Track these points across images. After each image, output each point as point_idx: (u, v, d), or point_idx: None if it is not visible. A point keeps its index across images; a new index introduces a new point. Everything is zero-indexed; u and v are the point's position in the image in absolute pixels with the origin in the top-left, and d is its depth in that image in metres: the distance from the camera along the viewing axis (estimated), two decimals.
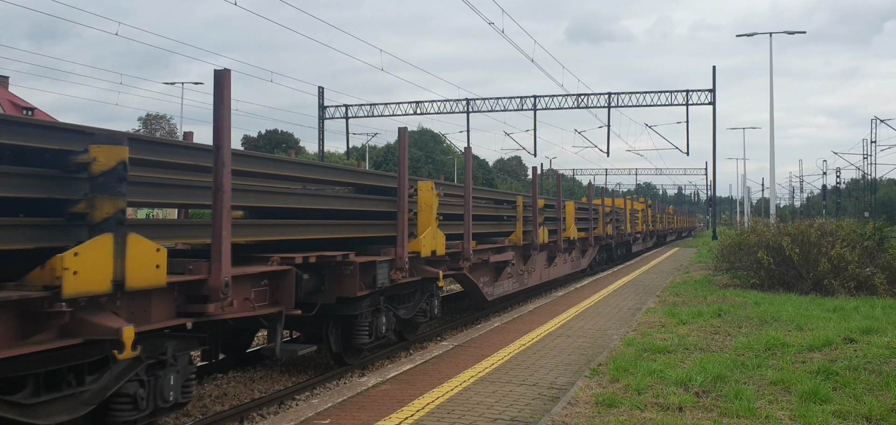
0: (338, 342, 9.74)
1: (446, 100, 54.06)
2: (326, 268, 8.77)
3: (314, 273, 8.47)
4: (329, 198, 9.40)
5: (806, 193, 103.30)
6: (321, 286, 8.73)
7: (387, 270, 9.56)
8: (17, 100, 67.81)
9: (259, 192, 7.99)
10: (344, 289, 8.90)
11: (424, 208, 10.79)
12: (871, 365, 8.33)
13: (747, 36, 42.27)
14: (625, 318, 12.73)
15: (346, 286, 8.89)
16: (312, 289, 8.45)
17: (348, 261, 8.80)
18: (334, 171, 10.47)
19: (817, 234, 17.36)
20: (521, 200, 16.33)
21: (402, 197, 9.92)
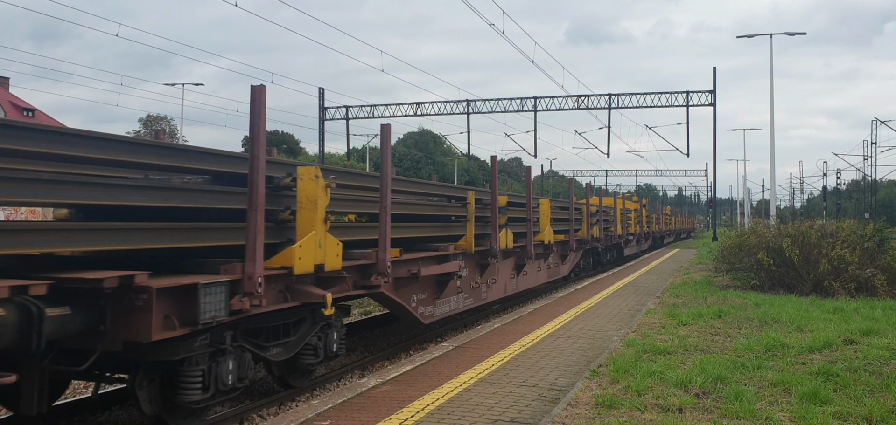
0: (154, 400, 6.66)
1: (447, 101, 54.07)
2: (107, 298, 5.88)
3: (83, 305, 5.78)
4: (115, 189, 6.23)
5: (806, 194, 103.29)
6: (99, 325, 5.92)
7: (223, 297, 6.55)
8: (17, 101, 67.83)
9: None
10: (135, 330, 5.96)
11: (306, 205, 7.72)
12: (871, 366, 8.33)
13: (748, 37, 42.24)
14: (625, 319, 12.73)
15: (138, 325, 5.94)
16: (80, 330, 5.79)
17: (138, 287, 5.86)
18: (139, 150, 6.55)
19: (817, 236, 17.35)
20: (472, 196, 12.91)
21: (256, 187, 6.79)
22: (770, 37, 41.01)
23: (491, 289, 14.29)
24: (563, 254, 20.02)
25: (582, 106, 50.74)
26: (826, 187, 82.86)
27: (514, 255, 15.41)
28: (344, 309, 9.14)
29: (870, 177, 72.32)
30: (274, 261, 7.37)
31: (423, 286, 11.04)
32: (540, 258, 17.42)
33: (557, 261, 19.65)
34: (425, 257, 11.00)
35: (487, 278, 13.97)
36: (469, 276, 13.03)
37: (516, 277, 15.98)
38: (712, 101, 49.05)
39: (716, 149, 51.80)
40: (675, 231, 64.75)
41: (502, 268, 14.92)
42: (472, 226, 12.73)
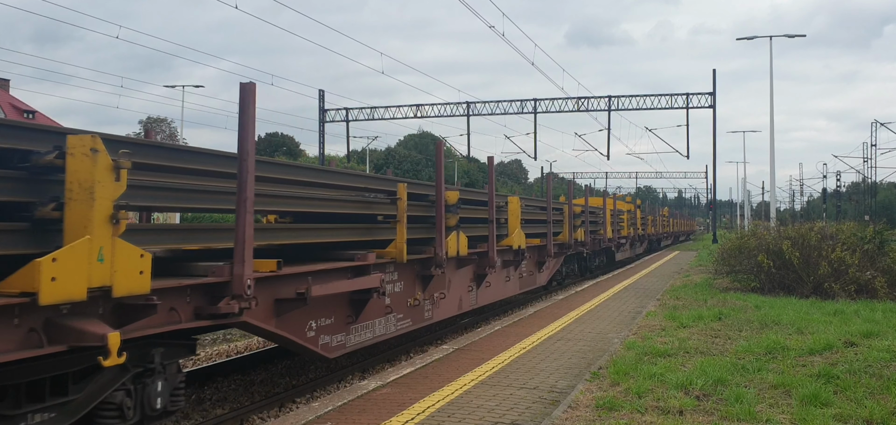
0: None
1: (447, 103, 54.07)
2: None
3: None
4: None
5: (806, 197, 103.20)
6: None
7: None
8: (18, 103, 67.87)
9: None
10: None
11: (78, 195, 4.91)
12: (871, 368, 8.33)
13: (747, 39, 42.30)
14: (625, 322, 12.72)
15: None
16: None
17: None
18: None
19: (817, 238, 17.35)
20: (405, 191, 9.88)
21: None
22: (770, 39, 41.07)
23: (438, 307, 11.45)
24: (539, 260, 17.54)
25: (582, 108, 50.75)
26: (826, 189, 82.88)
27: (471, 264, 12.59)
28: (186, 346, 6.43)
29: (870, 179, 72.36)
30: (8, 283, 4.64)
31: (327, 308, 8.26)
32: (509, 266, 14.94)
33: (532, 268, 17.17)
34: (322, 270, 7.99)
35: (433, 293, 11.21)
36: (404, 292, 10.19)
37: (476, 290, 13.27)
38: (712, 102, 49.07)
39: (716, 151, 51.83)
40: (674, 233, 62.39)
41: (456, 280, 12.20)
42: (404, 228, 9.72)
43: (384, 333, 9.79)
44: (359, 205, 9.40)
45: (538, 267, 17.64)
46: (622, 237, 30.39)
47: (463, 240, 11.91)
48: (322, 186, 8.78)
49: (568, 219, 19.61)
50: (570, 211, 19.75)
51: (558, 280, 21.28)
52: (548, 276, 18.79)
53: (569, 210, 19.73)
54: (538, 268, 17.66)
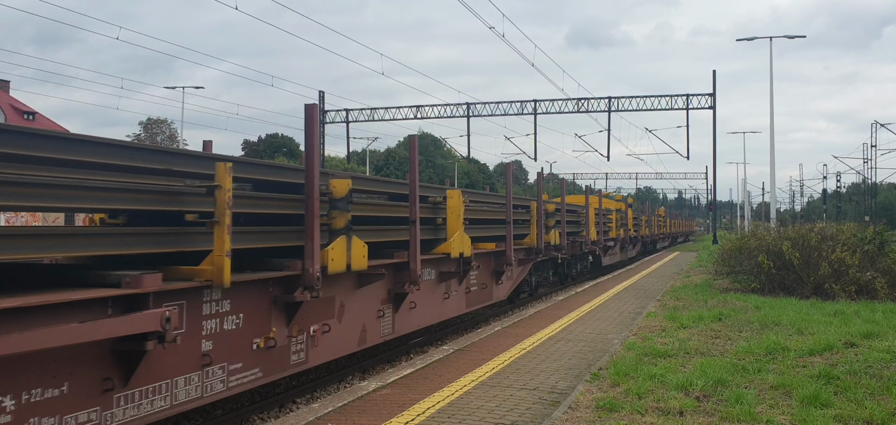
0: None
1: (447, 104, 54.07)
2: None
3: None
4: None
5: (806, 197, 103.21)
6: None
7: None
8: (17, 104, 67.92)
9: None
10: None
11: None
12: (871, 369, 8.33)
13: (747, 40, 42.35)
14: (625, 322, 12.73)
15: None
16: None
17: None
18: None
19: (818, 238, 17.35)
20: (228, 174, 6.30)
21: None
22: (770, 40, 41.13)
23: (319, 345, 8.09)
24: (496, 269, 14.33)
25: (582, 109, 50.77)
26: (826, 190, 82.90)
27: (380, 280, 9.28)
28: None
29: (870, 179, 72.36)
30: None
31: (50, 371, 4.96)
32: (448, 279, 11.68)
33: (486, 279, 13.94)
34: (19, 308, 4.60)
35: (306, 326, 7.85)
36: (244, 329, 6.86)
37: (392, 314, 9.93)
38: (712, 103, 49.09)
39: (716, 151, 51.83)
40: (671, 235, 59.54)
41: (354, 304, 8.87)
42: (226, 233, 6.13)
43: (199, 396, 6.35)
44: (133, 196, 5.83)
45: (495, 277, 14.36)
46: (610, 239, 27.49)
47: (359, 249, 8.27)
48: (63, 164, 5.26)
49: (537, 219, 16.25)
50: (539, 209, 16.28)
51: (528, 290, 18.21)
52: (509, 288, 15.65)
53: (538, 208, 16.26)
54: (495, 279, 14.39)
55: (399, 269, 9.75)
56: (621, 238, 30.26)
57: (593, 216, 23.49)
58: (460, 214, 11.61)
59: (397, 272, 9.76)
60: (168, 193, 6.16)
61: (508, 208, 14.16)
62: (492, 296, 14.45)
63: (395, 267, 9.72)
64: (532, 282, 18.24)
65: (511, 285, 15.72)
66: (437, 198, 11.56)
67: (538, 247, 16.29)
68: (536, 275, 18.54)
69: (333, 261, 7.82)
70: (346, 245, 8.12)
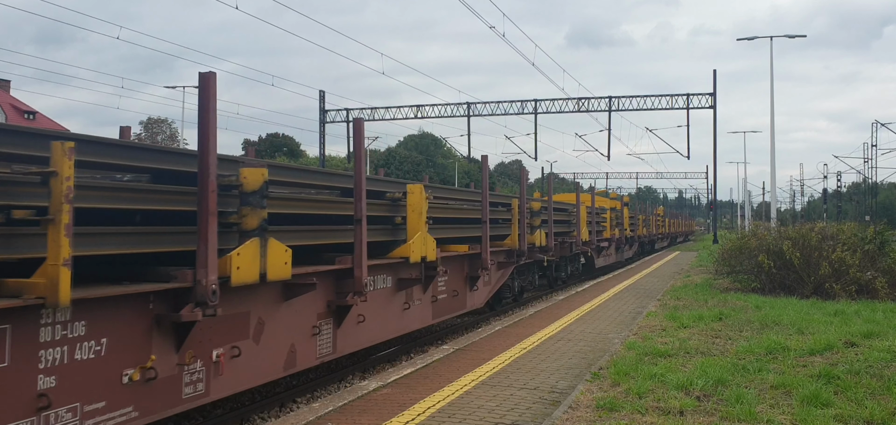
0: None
1: (447, 103, 54.06)
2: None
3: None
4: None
5: (807, 197, 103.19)
6: None
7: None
8: (18, 104, 67.94)
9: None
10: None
11: None
12: (872, 369, 8.33)
13: (748, 40, 42.32)
14: (626, 322, 12.73)
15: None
16: None
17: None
18: None
19: (818, 238, 17.35)
20: (63, 157, 4.64)
21: None
22: (770, 39, 41.08)
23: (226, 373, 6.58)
24: (470, 274, 12.95)
25: (582, 108, 50.74)
26: (826, 190, 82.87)
27: (310, 290, 7.61)
28: None
29: (870, 179, 72.33)
30: None
31: None
32: (407, 287, 10.33)
33: (458, 285, 12.50)
34: None
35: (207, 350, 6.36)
36: (108, 361, 5.43)
37: (332, 330, 8.41)
38: (713, 103, 49.06)
39: (716, 151, 51.73)
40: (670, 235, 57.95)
41: (278, 321, 7.36)
42: (63, 234, 4.63)
43: None
44: None
45: (469, 283, 12.99)
46: (604, 240, 26.28)
47: (278, 254, 6.75)
48: None
49: (519, 218, 14.99)
50: (522, 208, 15.05)
51: (512, 295, 16.98)
52: (486, 295, 14.12)
53: (520, 207, 15.04)
54: (469, 285, 13.00)
55: (342, 277, 8.24)
56: (617, 238, 28.96)
57: (585, 215, 22.24)
58: (422, 212, 10.09)
59: (340, 280, 8.26)
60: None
61: (484, 206, 12.61)
62: (465, 303, 12.93)
63: (337, 274, 8.23)
64: (515, 286, 16.93)
65: (489, 291, 14.23)
66: (396, 193, 9.98)
67: (520, 249, 15.03)
68: (520, 279, 17.21)
69: (240, 269, 6.24)
70: (260, 249, 6.52)
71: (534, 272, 18.54)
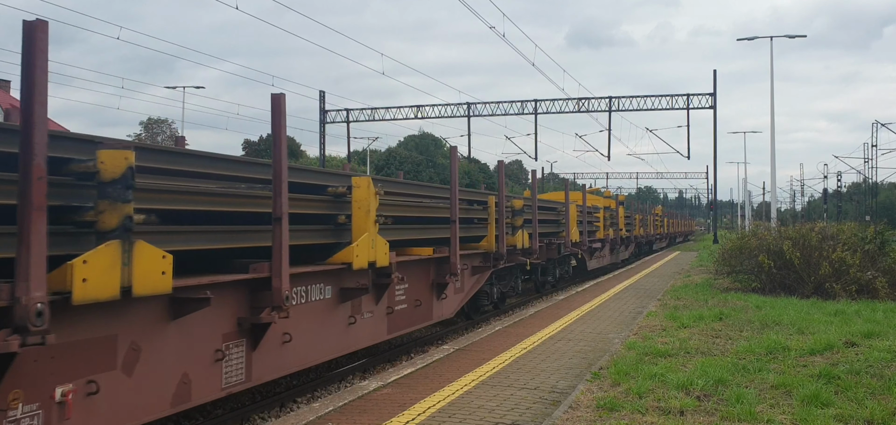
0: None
1: (447, 104, 54.08)
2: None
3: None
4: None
5: (807, 197, 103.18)
6: None
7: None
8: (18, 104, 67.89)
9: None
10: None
11: None
12: (872, 368, 8.33)
13: (748, 40, 42.33)
14: (626, 322, 12.73)
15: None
16: None
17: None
18: None
19: (818, 238, 17.36)
20: None
21: None
22: (770, 39, 41.09)
23: (69, 418, 4.98)
24: (436, 281, 11.53)
25: (582, 109, 50.75)
26: (827, 190, 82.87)
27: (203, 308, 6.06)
28: None
29: (870, 179, 72.33)
30: None
31: None
32: (354, 297, 8.87)
33: (422, 294, 11.09)
34: None
35: (37, 388, 4.81)
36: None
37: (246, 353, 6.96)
38: (713, 103, 49.07)
39: (716, 151, 51.75)
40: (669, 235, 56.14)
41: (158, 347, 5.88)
42: None
43: None
44: None
45: (436, 291, 11.55)
46: (596, 240, 24.87)
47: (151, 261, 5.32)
48: None
49: (496, 218, 13.48)
50: (500, 206, 13.54)
51: (491, 301, 15.29)
52: (458, 303, 12.63)
53: (499, 205, 13.52)
54: (436, 293, 11.57)
55: (258, 289, 6.80)
56: (611, 239, 27.59)
57: (575, 215, 20.83)
58: (371, 211, 8.59)
59: (256, 293, 6.82)
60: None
61: (453, 204, 11.15)
62: (431, 314, 11.46)
63: (251, 285, 6.80)
64: (494, 293, 15.12)
65: (460, 299, 12.68)
66: (339, 187, 8.51)
67: (498, 251, 13.49)
68: (501, 284, 15.60)
69: (87, 281, 4.80)
70: (121, 255, 5.05)
71: (517, 276, 16.94)
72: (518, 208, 15.13)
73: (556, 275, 20.89)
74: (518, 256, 15.09)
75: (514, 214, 14.85)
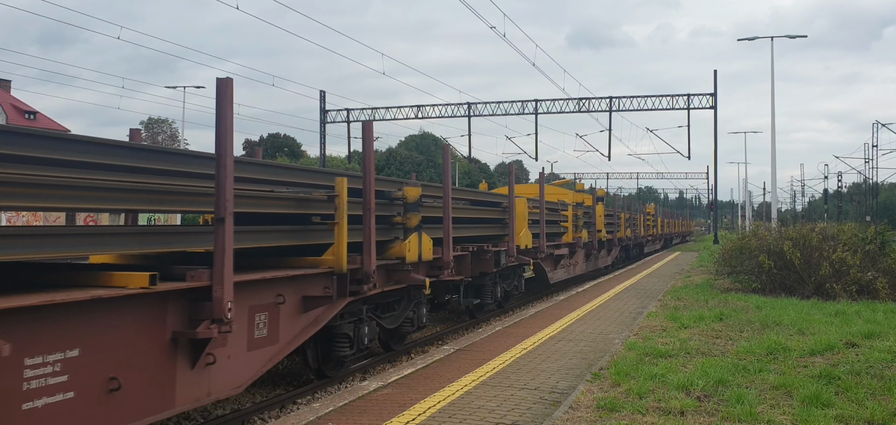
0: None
1: (448, 104, 54.06)
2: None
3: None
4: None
5: (807, 197, 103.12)
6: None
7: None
8: (19, 104, 68.01)
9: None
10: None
11: None
12: (872, 369, 8.33)
13: (749, 40, 42.35)
14: (626, 322, 12.72)
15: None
16: None
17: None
18: None
19: (819, 238, 17.34)
20: None
21: None
22: (771, 40, 41.10)
23: None
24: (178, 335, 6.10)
25: (583, 109, 50.71)
26: (827, 190, 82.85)
27: None
28: None
29: (871, 179, 72.31)
30: None
31: None
32: None
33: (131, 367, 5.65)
34: None
35: None
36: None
37: None
38: (713, 103, 49.05)
39: (717, 151, 51.69)
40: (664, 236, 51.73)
41: None
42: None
43: None
44: None
45: (178, 355, 6.16)
46: (560, 245, 19.79)
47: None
48: None
49: (360, 213, 8.59)
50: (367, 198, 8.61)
51: (352, 352, 9.47)
52: (248, 374, 7.10)
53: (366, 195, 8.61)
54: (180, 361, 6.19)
55: None
56: (585, 243, 22.67)
57: (524, 212, 15.89)
58: None
59: None
60: None
61: (222, 190, 6.11)
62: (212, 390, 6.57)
63: None
64: (360, 335, 9.50)
65: (250, 368, 7.09)
66: None
67: (360, 270, 8.49)
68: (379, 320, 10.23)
69: None
70: None
71: (418, 304, 11.40)
72: (412, 200, 9.99)
73: (494, 295, 14.81)
74: (409, 274, 10.05)
75: (407, 209, 10.06)
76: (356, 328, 9.45)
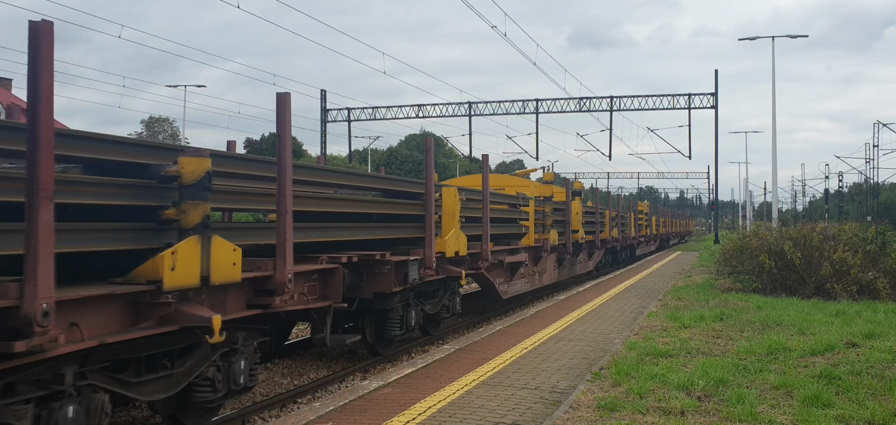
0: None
1: (449, 103, 54.05)
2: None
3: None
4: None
5: (808, 197, 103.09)
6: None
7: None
8: (19, 102, 67.95)
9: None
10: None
11: None
12: (873, 369, 8.32)
13: (750, 40, 42.35)
14: (627, 322, 12.72)
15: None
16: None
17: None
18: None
19: (819, 238, 17.34)
20: None
21: None
22: (772, 39, 41.14)
23: None
24: None
25: (584, 108, 50.68)
26: (828, 190, 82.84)
27: None
28: None
29: (872, 179, 72.25)
30: None
31: None
32: None
33: None
34: None
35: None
36: None
37: None
38: (714, 103, 49.01)
39: (718, 151, 51.61)
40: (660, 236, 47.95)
41: None
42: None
43: None
44: None
45: None
46: (517, 250, 15.56)
47: None
48: None
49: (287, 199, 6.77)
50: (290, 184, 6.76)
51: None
52: None
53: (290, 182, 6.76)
54: None
55: None
56: (556, 246, 18.58)
57: (455, 208, 11.38)
58: None
59: None
60: None
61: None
62: None
63: None
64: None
65: None
66: None
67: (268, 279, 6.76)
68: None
69: None
70: None
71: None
72: (190, 180, 5.74)
73: (408, 324, 10.70)
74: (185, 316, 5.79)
75: (228, 195, 6.97)
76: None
